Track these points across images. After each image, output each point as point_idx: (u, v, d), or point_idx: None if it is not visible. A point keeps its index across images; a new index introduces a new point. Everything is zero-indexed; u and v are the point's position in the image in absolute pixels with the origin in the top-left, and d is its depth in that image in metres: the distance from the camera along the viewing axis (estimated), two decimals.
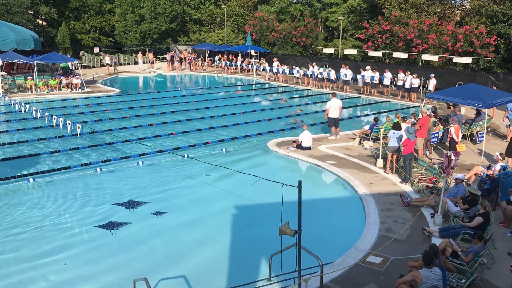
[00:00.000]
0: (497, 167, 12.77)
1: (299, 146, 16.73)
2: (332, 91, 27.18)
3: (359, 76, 30.62)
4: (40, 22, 48.31)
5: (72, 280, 8.60)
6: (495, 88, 24.35)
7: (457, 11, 40.13)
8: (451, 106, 19.01)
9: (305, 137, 16.67)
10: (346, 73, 30.93)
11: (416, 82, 27.46)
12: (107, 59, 38.75)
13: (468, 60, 32.21)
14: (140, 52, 42.84)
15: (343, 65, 33.12)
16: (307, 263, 7.97)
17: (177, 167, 15.21)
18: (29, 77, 28.93)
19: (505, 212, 10.80)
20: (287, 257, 8.00)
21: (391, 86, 30.19)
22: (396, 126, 14.32)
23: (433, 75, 27.77)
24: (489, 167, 13.24)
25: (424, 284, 7.48)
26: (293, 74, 34.86)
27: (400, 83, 28.67)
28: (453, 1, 41.56)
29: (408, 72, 28.54)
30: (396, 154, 14.35)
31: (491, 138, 18.97)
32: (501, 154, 13.46)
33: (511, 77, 29.14)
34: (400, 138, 14.12)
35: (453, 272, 8.24)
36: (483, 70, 33.41)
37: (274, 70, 36.20)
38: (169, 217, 11.41)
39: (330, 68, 32.45)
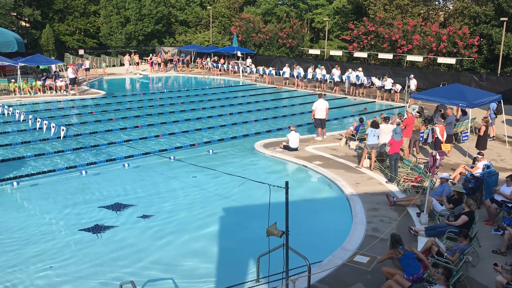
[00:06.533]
0: (479, 165, 12.92)
1: (286, 147, 16.76)
2: (319, 92, 27.29)
3: (344, 77, 30.87)
4: (23, 24, 47.72)
5: (58, 283, 8.49)
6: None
7: (440, 12, 40.60)
8: (441, 110, 19.20)
9: (293, 138, 16.71)
10: (338, 74, 31.37)
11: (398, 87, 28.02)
12: (69, 71, 29.31)
13: (452, 61, 32.62)
14: (127, 54, 42.53)
15: (337, 66, 33.37)
16: (294, 264, 7.98)
17: (163, 169, 15.13)
18: (12, 80, 28.54)
19: (489, 210, 10.95)
20: (275, 258, 7.99)
21: (376, 88, 30.42)
22: (374, 125, 14.95)
23: (412, 76, 28.12)
24: (473, 165, 13.39)
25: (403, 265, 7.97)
26: (280, 75, 34.92)
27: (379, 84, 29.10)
28: (436, 2, 42.06)
29: (386, 77, 29.01)
30: (374, 150, 14.81)
31: (475, 137, 19.17)
32: (479, 153, 13.65)
33: (493, 77, 29.57)
34: (378, 135, 14.77)
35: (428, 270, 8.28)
36: (467, 70, 33.84)
37: (261, 71, 36.24)
38: (156, 219, 11.33)
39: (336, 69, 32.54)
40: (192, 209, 12.00)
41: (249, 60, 40.43)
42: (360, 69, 30.85)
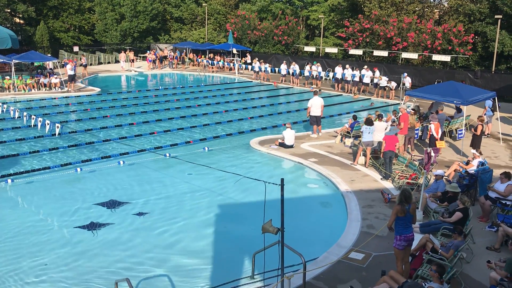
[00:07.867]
0: (474, 162, 12.98)
1: (282, 144, 16.78)
2: (315, 89, 27.29)
3: (338, 75, 31.02)
4: (17, 20, 47.39)
5: (53, 281, 8.48)
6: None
7: (435, 10, 40.67)
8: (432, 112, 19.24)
9: (288, 135, 16.73)
10: (340, 71, 31.46)
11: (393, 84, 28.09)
12: (68, 67, 28.92)
13: (446, 58, 32.71)
14: (122, 52, 42.34)
15: (340, 64, 33.42)
16: (290, 261, 8.00)
17: (158, 166, 15.11)
18: (6, 77, 28.38)
19: (483, 207, 11.01)
20: (270, 255, 8.02)
21: (372, 85, 30.51)
22: (368, 122, 14.97)
23: (406, 74, 28.23)
24: (467, 163, 13.46)
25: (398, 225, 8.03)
26: (275, 72, 34.92)
27: (375, 80, 29.16)
28: (431, 0, 42.12)
29: (381, 75, 29.22)
30: (369, 147, 14.87)
31: (470, 134, 19.25)
32: (477, 150, 13.72)
33: (488, 74, 29.68)
34: (372, 132, 14.80)
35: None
36: (462, 67, 33.93)
37: (256, 68, 36.20)
38: (151, 216, 11.32)
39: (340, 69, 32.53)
40: (187, 206, 12.00)
41: (250, 57, 40.51)
42: (366, 67, 30.79)
